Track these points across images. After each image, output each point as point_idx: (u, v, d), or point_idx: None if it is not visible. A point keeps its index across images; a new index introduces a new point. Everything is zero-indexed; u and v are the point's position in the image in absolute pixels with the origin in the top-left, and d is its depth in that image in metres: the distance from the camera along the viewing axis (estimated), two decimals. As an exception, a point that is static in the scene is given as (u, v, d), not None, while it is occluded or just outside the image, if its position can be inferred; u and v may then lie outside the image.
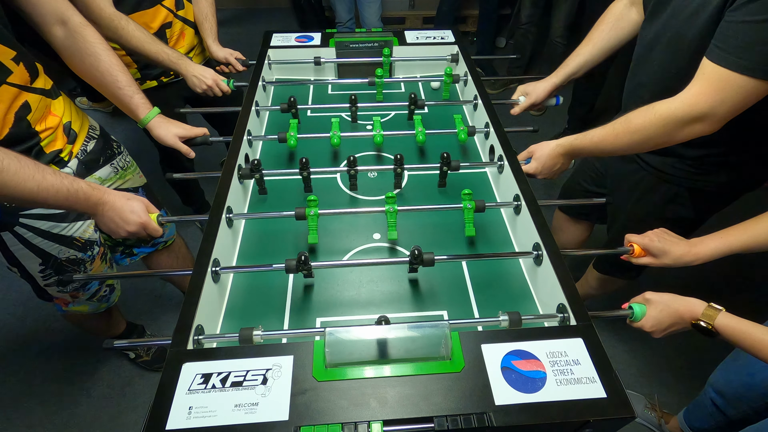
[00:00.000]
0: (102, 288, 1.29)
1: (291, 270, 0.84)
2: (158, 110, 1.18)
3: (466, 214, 0.99)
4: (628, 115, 0.95)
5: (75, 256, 1.13)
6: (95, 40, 1.06)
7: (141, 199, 0.98)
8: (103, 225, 0.95)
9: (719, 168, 1.06)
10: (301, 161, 1.07)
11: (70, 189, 0.85)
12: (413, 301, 0.92)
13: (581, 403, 0.64)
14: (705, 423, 1.28)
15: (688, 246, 0.88)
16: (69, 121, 1.08)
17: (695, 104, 0.84)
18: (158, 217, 0.98)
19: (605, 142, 0.99)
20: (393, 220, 0.98)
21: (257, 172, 1.07)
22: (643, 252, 0.93)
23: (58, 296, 1.22)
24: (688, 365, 1.67)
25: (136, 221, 0.94)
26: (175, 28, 1.51)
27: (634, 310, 0.82)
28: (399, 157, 1.08)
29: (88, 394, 1.61)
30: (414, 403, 0.64)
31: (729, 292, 1.93)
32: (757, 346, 0.72)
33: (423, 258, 0.85)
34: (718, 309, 0.76)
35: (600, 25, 1.24)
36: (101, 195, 0.91)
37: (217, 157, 2.48)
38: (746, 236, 0.84)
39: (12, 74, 0.92)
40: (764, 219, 0.83)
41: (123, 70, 1.11)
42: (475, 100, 1.35)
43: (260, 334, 0.75)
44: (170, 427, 0.61)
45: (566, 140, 1.07)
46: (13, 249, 1.05)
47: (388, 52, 1.50)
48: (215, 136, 1.25)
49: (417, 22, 3.72)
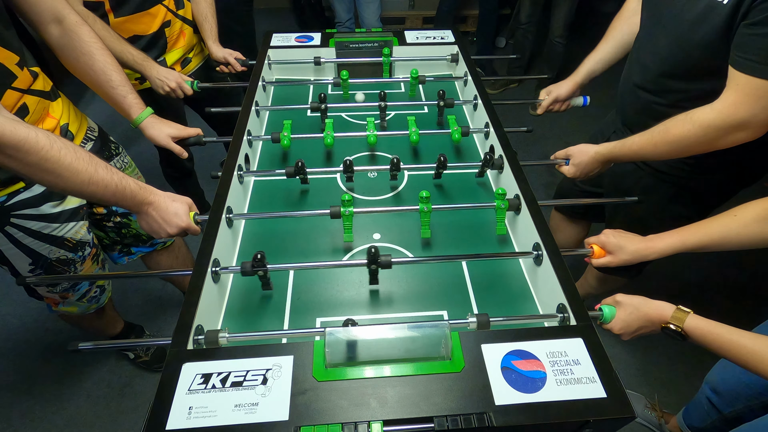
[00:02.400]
0: (92, 289, 1.28)
1: (246, 273, 0.84)
2: (151, 110, 1.18)
3: (499, 214, 1.00)
4: (666, 124, 0.96)
5: (65, 257, 1.13)
6: (90, 39, 1.06)
7: (185, 200, 0.97)
8: (145, 224, 0.95)
9: (718, 166, 1.07)
10: (297, 164, 1.07)
11: (119, 185, 0.86)
12: (413, 301, 0.92)
13: (581, 403, 0.64)
14: (703, 422, 1.28)
15: (644, 241, 0.90)
16: (66, 122, 1.08)
17: (734, 113, 0.86)
18: (194, 216, 0.98)
19: (644, 150, 1.00)
20: (426, 220, 0.98)
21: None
22: (602, 252, 0.94)
23: (48, 296, 1.21)
24: (689, 365, 1.68)
25: (178, 224, 0.94)
26: (175, 27, 1.51)
27: (603, 312, 0.82)
28: (396, 160, 1.08)
29: (88, 394, 1.61)
30: (414, 403, 0.64)
31: (730, 294, 1.94)
32: (726, 346, 0.72)
33: (380, 260, 0.85)
34: (687, 311, 0.76)
35: (616, 22, 1.25)
36: (147, 195, 0.92)
37: (218, 157, 2.49)
38: (701, 234, 0.86)
39: (17, 79, 0.93)
40: (719, 219, 0.85)
41: (117, 70, 1.11)
42: (475, 100, 1.35)
43: (226, 336, 0.75)
44: (170, 427, 0.61)
45: (606, 147, 1.08)
46: (3, 248, 1.05)
47: (388, 52, 1.50)
48: (213, 137, 1.25)
49: (417, 22, 3.72)
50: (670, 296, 0.80)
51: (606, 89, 2.03)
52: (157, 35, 1.47)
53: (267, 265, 0.85)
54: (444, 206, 1.01)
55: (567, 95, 1.36)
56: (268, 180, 1.20)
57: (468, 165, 1.22)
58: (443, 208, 1.01)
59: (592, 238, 0.97)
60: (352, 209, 0.96)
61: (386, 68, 1.51)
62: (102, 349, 0.91)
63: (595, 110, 2.96)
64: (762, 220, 0.80)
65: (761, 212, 0.81)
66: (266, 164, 1.25)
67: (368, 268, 0.87)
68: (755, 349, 0.69)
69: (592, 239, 0.96)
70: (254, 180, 1.20)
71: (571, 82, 1.34)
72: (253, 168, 1.23)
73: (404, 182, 1.19)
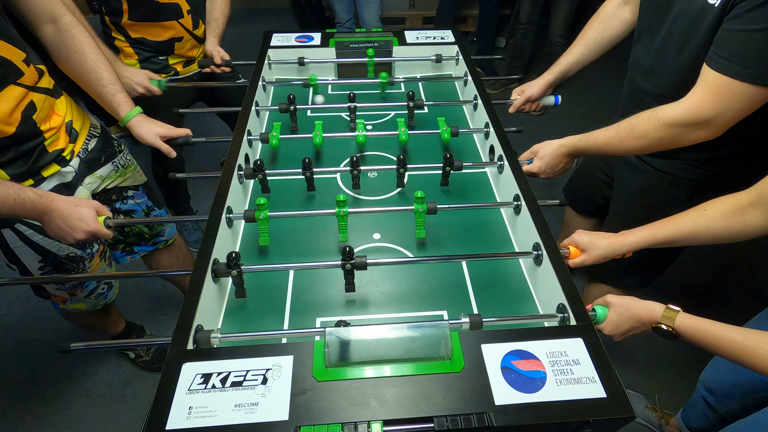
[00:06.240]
0: (100, 285, 1.29)
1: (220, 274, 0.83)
2: (140, 109, 1.17)
3: (417, 217, 0.99)
4: (631, 120, 0.96)
5: (74, 254, 1.13)
6: (83, 38, 1.06)
7: (90, 203, 0.96)
8: (51, 232, 0.95)
9: (721, 170, 1.07)
10: (304, 161, 1.07)
11: (17, 199, 0.85)
12: (413, 301, 0.92)
13: (581, 403, 0.64)
14: (701, 421, 1.28)
15: (615, 236, 0.91)
16: (71, 120, 1.09)
17: (698, 111, 0.86)
18: (105, 220, 0.96)
19: (609, 145, 1.00)
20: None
21: (260, 172, 1.06)
22: (578, 251, 0.94)
23: (56, 294, 1.22)
24: (689, 365, 1.68)
25: (84, 228, 0.93)
26: (186, 44, 1.54)
27: (596, 313, 0.82)
28: (402, 157, 1.08)
29: (88, 394, 1.61)
30: (414, 403, 0.64)
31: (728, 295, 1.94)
32: (717, 343, 0.72)
33: (355, 261, 0.83)
34: (676, 310, 0.76)
35: (592, 24, 1.25)
36: (48, 203, 0.91)
37: (218, 157, 2.49)
38: (671, 228, 0.87)
39: (23, 76, 0.93)
40: (689, 213, 0.86)
41: (108, 68, 1.11)
42: (475, 100, 1.35)
43: (218, 337, 0.75)
44: (170, 427, 0.61)
45: (569, 140, 1.08)
46: (14, 246, 1.05)
47: (372, 53, 1.50)
48: (217, 136, 1.25)
49: (417, 22, 3.72)
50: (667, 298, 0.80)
51: (611, 91, 2.04)
52: (164, 44, 1.49)
53: (242, 266, 0.82)
54: (444, 206, 1.01)
55: (539, 94, 1.35)
56: (267, 180, 1.20)
57: (467, 165, 1.22)
58: (443, 208, 1.01)
59: (566, 240, 0.97)
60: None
61: (370, 69, 1.51)
62: (94, 349, 0.90)
63: (596, 111, 2.98)
64: (730, 214, 0.81)
65: (730, 207, 0.81)
66: (266, 164, 1.25)
67: (343, 270, 0.85)
68: (746, 344, 0.69)
69: (566, 240, 0.97)
70: (254, 180, 1.20)
71: (543, 81, 1.33)
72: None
73: (405, 182, 1.19)
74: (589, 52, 1.25)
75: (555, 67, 1.31)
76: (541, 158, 1.11)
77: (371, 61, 1.50)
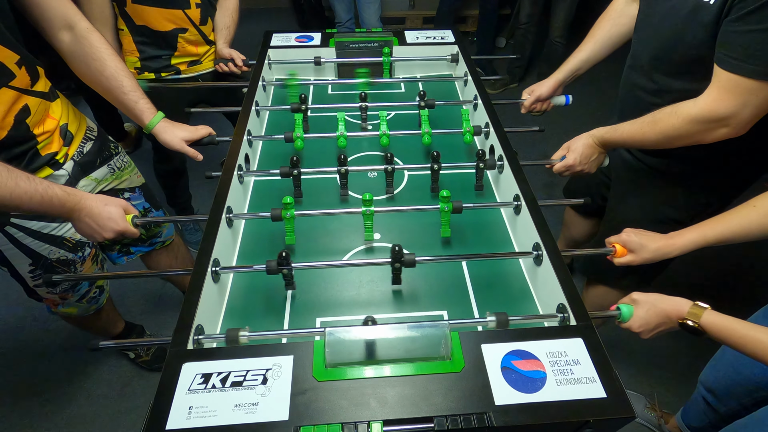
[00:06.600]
0: (92, 290, 1.28)
1: (272, 271, 0.85)
2: (163, 115, 1.16)
3: (443, 216, 0.99)
4: (655, 115, 0.97)
5: (65, 257, 1.12)
6: (101, 45, 1.05)
7: (119, 202, 0.95)
8: (80, 230, 0.94)
9: (717, 169, 1.07)
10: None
11: (45, 195, 0.84)
12: (413, 301, 0.92)
13: (581, 403, 0.64)
14: (700, 421, 1.28)
15: (665, 238, 0.90)
16: (66, 123, 1.08)
17: (715, 108, 0.87)
18: (133, 218, 0.96)
19: (634, 138, 1.02)
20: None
21: (296, 168, 1.07)
22: (624, 250, 0.94)
23: (48, 297, 1.21)
24: (688, 365, 1.67)
25: (113, 228, 0.93)
26: (190, 37, 1.52)
27: (621, 311, 0.82)
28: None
29: (88, 394, 1.61)
30: (414, 403, 0.64)
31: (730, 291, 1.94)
32: (743, 341, 0.72)
33: (404, 258, 0.85)
34: (704, 307, 0.76)
35: (601, 22, 1.25)
36: (77, 201, 0.90)
37: (218, 156, 2.48)
38: (722, 227, 0.86)
39: (15, 78, 0.92)
40: (738, 211, 0.85)
41: (128, 75, 1.10)
42: (475, 100, 1.35)
43: (246, 335, 0.75)
44: (170, 427, 0.61)
45: (598, 131, 1.10)
46: (3, 248, 1.05)
47: (388, 51, 1.50)
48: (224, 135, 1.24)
49: (417, 22, 3.72)
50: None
51: (611, 91, 2.04)
52: (167, 36, 1.47)
53: (292, 264, 0.86)
54: (469, 205, 1.01)
55: (549, 94, 1.35)
56: (268, 180, 1.20)
57: (467, 165, 1.22)
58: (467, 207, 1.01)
59: (613, 237, 0.96)
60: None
61: (386, 68, 1.51)
62: (120, 347, 0.90)
63: (597, 111, 2.98)
64: None
65: None
66: (266, 164, 1.25)
67: (392, 267, 0.88)
68: None
69: (613, 238, 0.96)
70: (254, 180, 1.20)
71: (553, 80, 1.33)
72: (253, 168, 1.23)
73: (404, 182, 1.19)
74: (599, 50, 1.25)
75: (565, 65, 1.31)
76: (574, 151, 1.12)
77: (387, 60, 1.50)
